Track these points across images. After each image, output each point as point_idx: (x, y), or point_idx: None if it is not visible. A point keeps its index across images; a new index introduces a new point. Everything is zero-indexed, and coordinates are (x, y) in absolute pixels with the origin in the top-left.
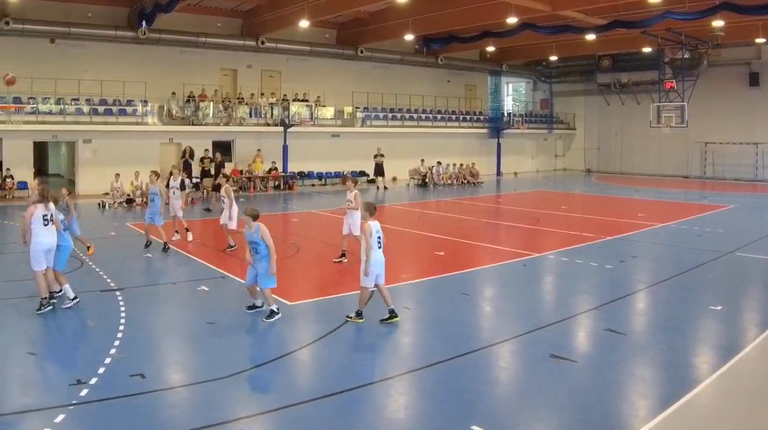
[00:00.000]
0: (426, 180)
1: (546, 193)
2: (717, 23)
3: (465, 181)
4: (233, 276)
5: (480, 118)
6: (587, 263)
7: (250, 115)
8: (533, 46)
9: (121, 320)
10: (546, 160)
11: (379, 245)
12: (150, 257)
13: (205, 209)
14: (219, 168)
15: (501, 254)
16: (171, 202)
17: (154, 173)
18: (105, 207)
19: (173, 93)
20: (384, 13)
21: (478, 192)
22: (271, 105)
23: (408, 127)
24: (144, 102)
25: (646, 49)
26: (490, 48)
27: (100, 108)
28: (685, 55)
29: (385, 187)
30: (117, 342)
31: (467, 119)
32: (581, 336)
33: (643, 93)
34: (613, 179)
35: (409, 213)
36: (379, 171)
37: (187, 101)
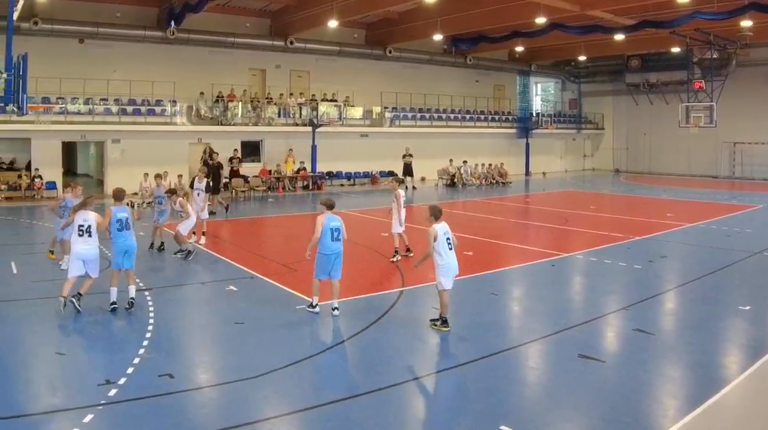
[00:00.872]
0: (454, 180)
1: (574, 193)
2: (745, 23)
3: (493, 181)
4: (262, 276)
5: (508, 118)
6: (616, 263)
7: (278, 116)
8: (562, 46)
9: (150, 320)
10: (574, 160)
11: (450, 247)
12: (179, 257)
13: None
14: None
15: (529, 254)
16: (195, 203)
17: (158, 176)
18: (133, 207)
19: (202, 93)
20: (413, 13)
21: (506, 192)
22: (300, 105)
23: (436, 128)
24: (173, 102)
25: (674, 49)
26: (518, 48)
27: (128, 108)
28: (714, 55)
29: (414, 187)
30: (146, 342)
31: (496, 119)
32: (610, 336)
33: (672, 93)
34: (642, 179)
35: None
36: (408, 171)
37: (216, 101)
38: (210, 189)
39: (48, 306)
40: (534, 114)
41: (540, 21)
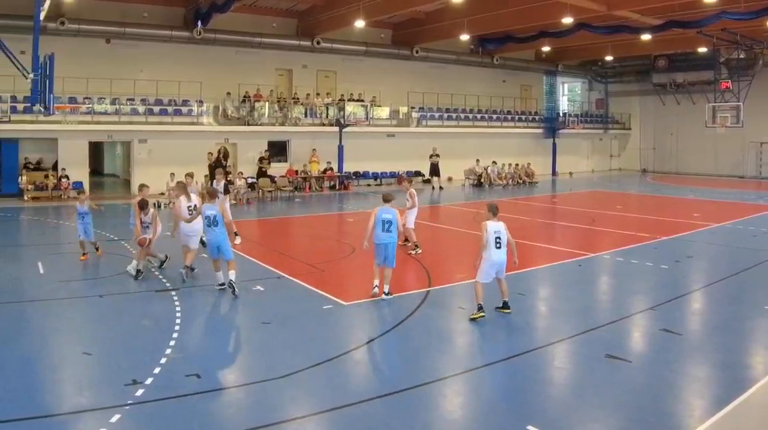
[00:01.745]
0: (481, 180)
1: (601, 193)
2: None
3: (520, 182)
4: (289, 276)
5: (535, 118)
6: (642, 263)
7: (305, 116)
8: (588, 46)
9: (177, 319)
10: (601, 160)
11: (498, 245)
12: (206, 257)
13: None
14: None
15: (556, 254)
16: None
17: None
18: (160, 207)
19: (228, 93)
20: (439, 13)
21: (533, 192)
22: (327, 105)
23: (463, 128)
24: (199, 102)
25: (701, 50)
26: (545, 48)
27: (155, 108)
28: (741, 56)
29: (441, 187)
30: (172, 342)
31: (522, 119)
32: (636, 336)
33: (699, 93)
34: (669, 179)
35: (465, 213)
36: (435, 171)
37: (243, 101)
38: (228, 190)
39: (75, 306)
40: (561, 114)
41: (567, 21)
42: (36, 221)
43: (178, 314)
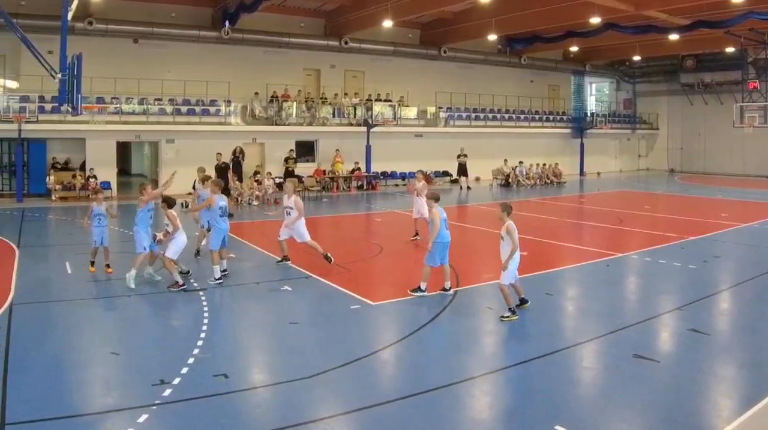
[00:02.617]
0: (509, 180)
1: (629, 193)
2: None
3: (548, 181)
4: (317, 276)
5: (563, 118)
6: (670, 263)
7: (333, 116)
8: (616, 46)
9: (204, 319)
10: (629, 160)
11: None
12: (233, 257)
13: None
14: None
15: (584, 254)
16: None
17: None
18: (188, 206)
19: (256, 93)
20: (467, 13)
21: (561, 192)
22: (355, 105)
23: (491, 128)
24: (227, 102)
25: (729, 49)
26: (573, 48)
27: (183, 108)
28: None
29: (468, 187)
30: (200, 342)
31: (550, 119)
32: (664, 336)
33: (726, 93)
34: (696, 179)
35: (492, 213)
36: (463, 171)
37: (271, 101)
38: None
39: (102, 306)
40: (588, 114)
41: (594, 21)
42: (63, 221)
43: (205, 314)
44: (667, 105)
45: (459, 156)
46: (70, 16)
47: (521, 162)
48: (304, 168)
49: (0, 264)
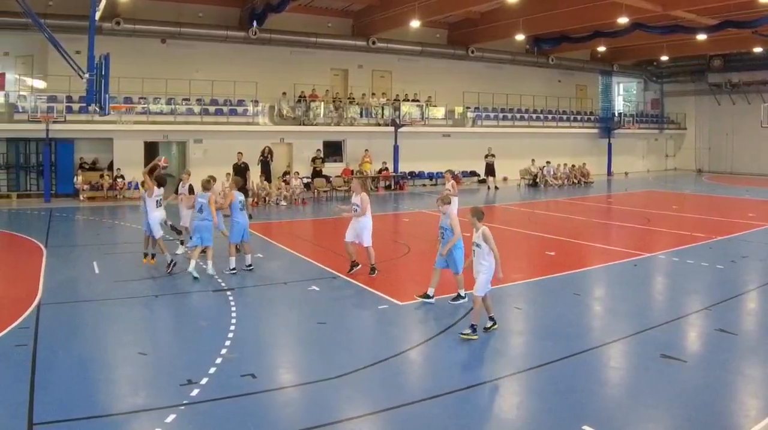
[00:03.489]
0: (536, 180)
1: (656, 193)
2: None
3: (576, 182)
4: (345, 276)
5: (591, 118)
6: (698, 263)
7: (360, 115)
8: (644, 46)
9: (232, 320)
10: (657, 160)
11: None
12: (261, 257)
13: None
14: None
15: (611, 254)
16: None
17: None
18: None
19: (284, 93)
20: (495, 13)
21: (588, 192)
22: (382, 105)
23: (519, 128)
24: (255, 102)
25: (756, 49)
26: (600, 48)
27: (210, 108)
28: None
29: (496, 187)
30: (228, 342)
31: (578, 119)
32: (692, 336)
33: (754, 93)
34: (724, 179)
35: (520, 213)
36: (490, 171)
37: (298, 101)
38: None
39: (130, 306)
40: (616, 114)
41: (622, 21)
42: (91, 221)
43: (233, 313)
44: (695, 105)
45: (487, 156)
46: (97, 16)
47: (548, 162)
48: (331, 168)
49: (28, 264)
